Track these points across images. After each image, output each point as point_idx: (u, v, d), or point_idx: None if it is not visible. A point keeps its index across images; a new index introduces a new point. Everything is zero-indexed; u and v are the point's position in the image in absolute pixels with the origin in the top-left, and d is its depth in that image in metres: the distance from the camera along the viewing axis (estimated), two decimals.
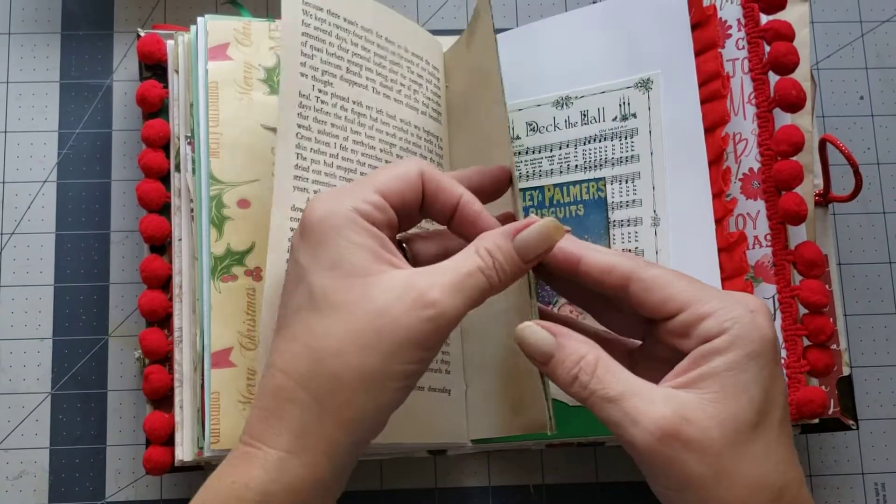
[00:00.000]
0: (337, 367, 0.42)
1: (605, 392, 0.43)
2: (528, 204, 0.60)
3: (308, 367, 0.43)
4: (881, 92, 0.68)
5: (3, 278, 0.63)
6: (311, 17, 0.54)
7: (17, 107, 0.65)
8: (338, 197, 0.45)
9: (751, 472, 0.42)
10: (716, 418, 0.41)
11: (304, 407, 0.42)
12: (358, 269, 0.43)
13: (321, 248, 0.44)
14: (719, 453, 0.41)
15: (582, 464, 0.62)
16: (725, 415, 0.42)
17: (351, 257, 0.43)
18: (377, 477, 0.61)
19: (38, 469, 0.61)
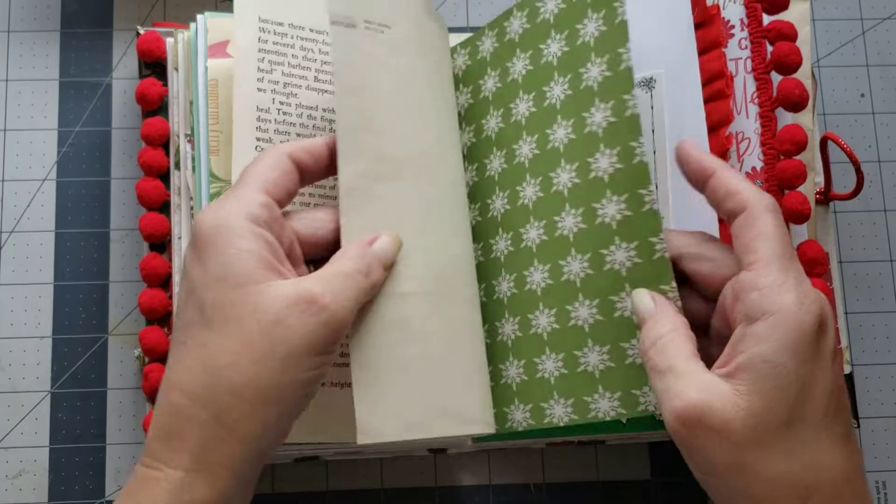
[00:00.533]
0: (234, 382, 0.42)
1: (656, 365, 0.44)
2: None
3: (204, 384, 0.42)
4: (882, 89, 0.68)
5: (3, 277, 0.63)
6: (269, 32, 0.54)
7: (16, 105, 0.65)
8: (225, 204, 0.45)
9: (776, 468, 0.41)
10: (742, 412, 0.41)
11: (204, 424, 0.42)
12: (246, 278, 0.43)
13: (210, 258, 0.44)
14: (740, 445, 0.41)
15: (582, 463, 0.62)
16: (753, 410, 0.41)
17: (239, 266, 0.43)
18: (377, 476, 0.61)
19: (38, 468, 0.61)
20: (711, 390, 0.42)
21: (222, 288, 0.43)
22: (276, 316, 0.43)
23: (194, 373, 0.43)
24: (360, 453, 0.60)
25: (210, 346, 0.43)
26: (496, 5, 0.68)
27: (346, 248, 0.48)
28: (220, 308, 0.43)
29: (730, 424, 0.41)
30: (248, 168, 0.47)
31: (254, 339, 0.42)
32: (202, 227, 0.44)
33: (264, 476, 0.61)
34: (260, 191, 0.46)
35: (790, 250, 0.43)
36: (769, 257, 0.43)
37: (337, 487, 0.61)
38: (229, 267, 0.43)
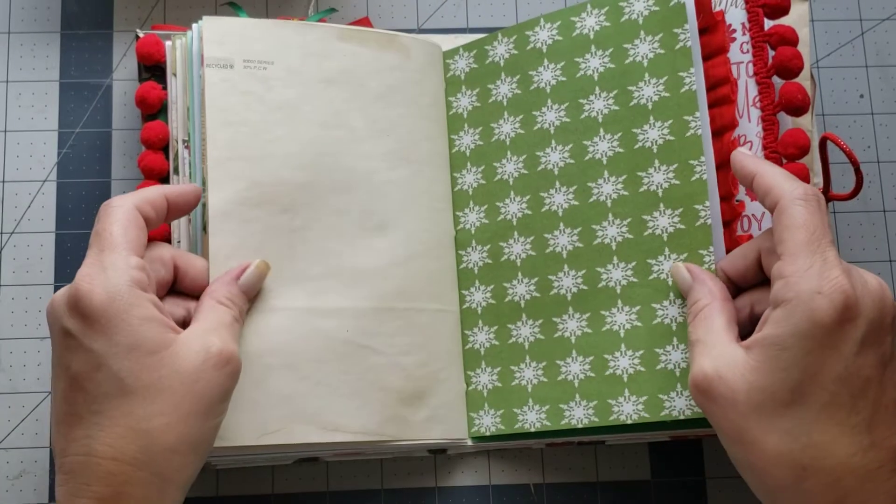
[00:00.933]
0: (170, 440, 0.46)
1: (690, 336, 0.50)
2: None
3: (140, 448, 0.46)
4: (881, 90, 0.68)
5: (3, 278, 0.63)
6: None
7: (16, 106, 0.65)
8: (105, 272, 0.47)
9: (775, 445, 0.45)
10: (748, 385, 0.45)
11: (146, 484, 0.46)
12: (157, 344, 0.47)
13: (114, 331, 0.46)
14: (743, 416, 0.45)
15: (582, 463, 0.62)
16: (757, 385, 0.45)
17: (146, 334, 0.47)
18: (377, 476, 0.62)
19: (39, 468, 0.61)
20: (727, 361, 0.47)
21: (136, 357, 0.46)
22: (195, 374, 0.47)
23: (127, 440, 0.46)
24: (361, 454, 0.60)
25: (138, 413, 0.46)
26: (496, 6, 0.68)
27: (217, 289, 0.52)
28: (140, 376, 0.46)
29: (735, 394, 0.46)
30: (105, 226, 0.49)
31: (179, 399, 0.47)
32: (95, 301, 0.46)
33: (265, 477, 0.61)
34: (130, 252, 0.48)
35: (820, 238, 0.46)
36: (794, 248, 0.46)
37: (337, 488, 0.61)
38: (138, 337, 0.46)
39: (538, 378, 0.57)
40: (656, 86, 0.56)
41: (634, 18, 0.57)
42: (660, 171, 0.56)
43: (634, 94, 0.57)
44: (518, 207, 0.58)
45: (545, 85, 0.59)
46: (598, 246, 0.57)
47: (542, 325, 0.58)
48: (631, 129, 0.57)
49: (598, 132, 0.57)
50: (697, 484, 0.62)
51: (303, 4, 0.67)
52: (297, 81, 0.59)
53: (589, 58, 0.58)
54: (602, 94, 0.58)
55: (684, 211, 0.55)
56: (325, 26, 0.61)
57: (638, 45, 0.57)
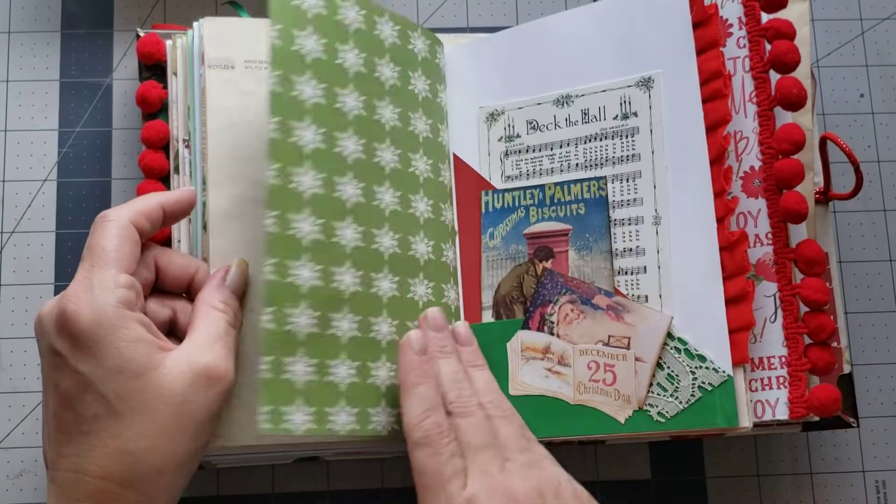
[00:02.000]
0: (156, 461, 0.47)
1: None
2: (528, 203, 0.60)
3: (127, 469, 0.47)
4: (881, 90, 0.68)
5: (4, 277, 0.63)
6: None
7: (17, 105, 0.65)
8: (93, 292, 0.48)
9: None
10: None
11: (131, 501, 0.47)
12: (143, 367, 0.47)
13: (101, 353, 0.47)
14: None
15: (582, 463, 0.62)
16: None
17: (133, 356, 0.47)
18: (377, 476, 0.62)
19: (39, 468, 0.61)
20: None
21: (122, 380, 0.47)
22: (181, 396, 0.48)
23: (114, 460, 0.47)
24: (361, 454, 0.60)
25: (125, 435, 0.47)
26: (496, 6, 0.68)
27: (210, 295, 0.53)
28: (127, 398, 0.47)
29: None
30: (98, 241, 0.50)
31: (166, 421, 0.47)
32: (82, 323, 0.47)
33: (265, 476, 0.61)
34: (119, 269, 0.49)
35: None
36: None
37: (337, 487, 0.61)
38: (125, 359, 0.47)
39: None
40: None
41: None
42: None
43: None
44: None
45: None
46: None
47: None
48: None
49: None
50: (697, 484, 0.62)
51: None
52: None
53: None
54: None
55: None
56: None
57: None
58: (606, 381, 0.57)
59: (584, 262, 0.58)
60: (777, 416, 0.55)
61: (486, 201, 0.61)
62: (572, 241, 0.59)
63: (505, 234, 0.60)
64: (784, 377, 0.56)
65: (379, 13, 0.59)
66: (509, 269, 0.60)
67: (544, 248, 0.60)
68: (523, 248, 0.60)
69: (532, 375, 0.59)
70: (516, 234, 0.60)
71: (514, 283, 0.60)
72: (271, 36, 0.53)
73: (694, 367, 0.55)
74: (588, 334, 0.58)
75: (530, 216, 0.60)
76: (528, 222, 0.60)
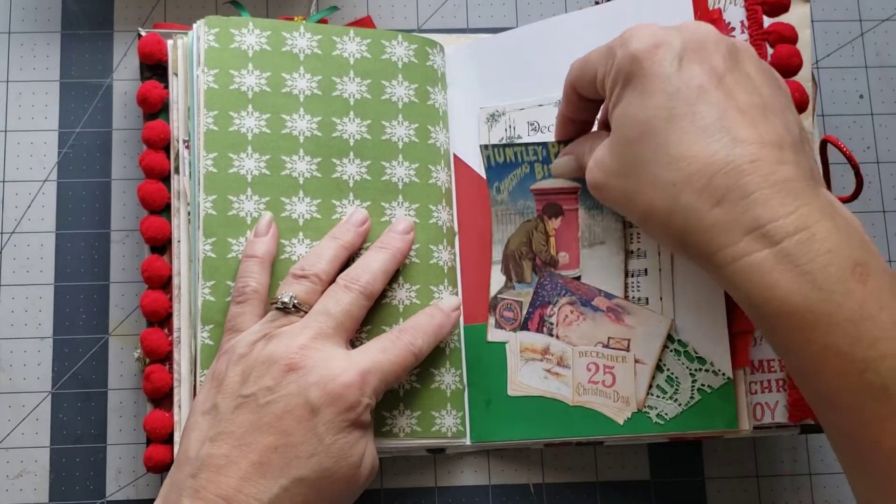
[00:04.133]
0: None
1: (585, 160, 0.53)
2: (532, 159, 0.59)
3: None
4: (881, 91, 0.68)
5: (4, 277, 0.63)
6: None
7: (17, 106, 0.65)
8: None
9: (647, 176, 0.47)
10: (611, 151, 0.49)
11: None
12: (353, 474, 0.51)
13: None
14: (620, 178, 0.48)
15: (581, 463, 0.62)
16: (615, 143, 0.49)
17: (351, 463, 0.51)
18: (377, 476, 0.62)
19: (39, 468, 0.61)
20: (601, 150, 0.50)
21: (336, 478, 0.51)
22: (359, 487, 0.53)
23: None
24: None
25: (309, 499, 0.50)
26: (496, 6, 0.68)
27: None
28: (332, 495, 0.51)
29: (608, 170, 0.49)
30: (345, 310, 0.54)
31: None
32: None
33: None
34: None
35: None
36: (597, 60, 0.52)
37: None
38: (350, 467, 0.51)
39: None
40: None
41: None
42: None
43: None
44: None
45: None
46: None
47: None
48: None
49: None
50: (697, 484, 0.62)
51: (304, 4, 0.67)
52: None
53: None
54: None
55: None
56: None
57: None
58: (606, 383, 0.57)
59: (595, 220, 0.58)
60: (776, 419, 0.55)
61: (487, 155, 0.60)
62: (581, 199, 0.58)
63: (512, 189, 0.60)
64: (783, 380, 0.56)
65: (339, 34, 0.61)
66: (518, 225, 0.60)
67: (553, 205, 0.59)
68: (531, 204, 0.60)
69: (531, 376, 0.59)
70: (523, 189, 0.60)
71: (524, 239, 0.60)
72: (207, 80, 0.58)
73: (694, 369, 0.55)
74: (588, 336, 0.58)
75: (536, 172, 0.59)
76: (535, 178, 0.59)
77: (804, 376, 0.44)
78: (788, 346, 0.43)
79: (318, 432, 0.48)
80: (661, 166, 0.46)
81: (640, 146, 0.47)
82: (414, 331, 0.55)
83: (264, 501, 0.47)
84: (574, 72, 0.53)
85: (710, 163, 0.44)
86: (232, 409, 0.50)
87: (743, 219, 0.43)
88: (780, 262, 0.42)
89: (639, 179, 0.47)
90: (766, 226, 0.42)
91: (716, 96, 0.45)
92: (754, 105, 0.46)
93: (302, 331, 0.52)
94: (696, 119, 0.45)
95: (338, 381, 0.49)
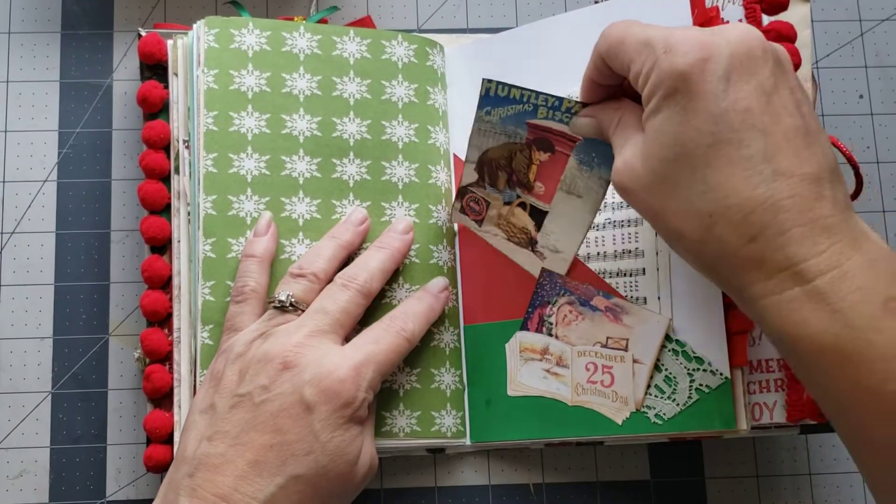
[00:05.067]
0: None
1: (615, 146, 0.50)
2: (539, 103, 0.55)
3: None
4: (881, 91, 0.68)
5: (4, 277, 0.63)
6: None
7: (17, 106, 0.65)
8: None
9: (679, 203, 0.45)
10: (643, 162, 0.47)
11: None
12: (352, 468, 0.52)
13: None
14: (648, 191, 0.47)
15: (581, 463, 0.62)
16: (649, 157, 0.46)
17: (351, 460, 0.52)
18: (377, 476, 0.62)
19: (39, 468, 0.61)
20: (631, 152, 0.48)
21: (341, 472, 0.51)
22: (358, 485, 0.53)
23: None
24: None
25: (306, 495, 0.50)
26: (496, 6, 0.68)
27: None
28: (331, 484, 0.51)
29: (638, 176, 0.47)
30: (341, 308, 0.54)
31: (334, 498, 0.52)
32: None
33: None
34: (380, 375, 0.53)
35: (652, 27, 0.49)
36: (635, 50, 0.48)
37: None
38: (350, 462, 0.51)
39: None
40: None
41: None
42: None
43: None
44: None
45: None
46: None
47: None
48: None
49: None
50: (697, 484, 0.62)
51: (304, 4, 0.67)
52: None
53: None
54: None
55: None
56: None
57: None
58: (604, 383, 0.57)
59: (581, 174, 0.56)
60: (775, 420, 0.55)
61: (488, 87, 0.55)
62: (577, 150, 0.55)
63: (504, 116, 0.56)
64: (782, 380, 0.56)
65: (339, 34, 0.61)
66: (501, 143, 0.57)
67: (545, 141, 0.56)
68: (521, 132, 0.56)
69: (530, 376, 0.59)
70: (517, 119, 0.56)
71: (505, 154, 0.57)
72: (207, 80, 0.58)
73: (692, 369, 0.55)
74: (586, 336, 0.58)
75: (538, 113, 0.55)
76: (535, 116, 0.55)
77: (837, 413, 0.43)
78: (820, 384, 0.43)
79: (314, 430, 0.49)
80: (697, 194, 0.44)
81: (675, 167, 0.45)
82: (404, 316, 0.55)
83: (261, 500, 0.47)
84: (605, 46, 0.50)
85: (751, 198, 0.43)
86: (228, 408, 0.50)
87: (777, 256, 0.43)
88: (812, 300, 0.42)
89: (670, 201, 0.46)
90: (800, 264, 0.42)
91: (762, 121, 0.44)
92: (797, 130, 0.44)
93: (298, 329, 0.52)
94: (741, 148, 0.44)
95: (332, 378, 0.49)
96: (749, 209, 0.43)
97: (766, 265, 0.43)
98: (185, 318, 0.58)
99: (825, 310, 0.42)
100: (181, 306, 0.58)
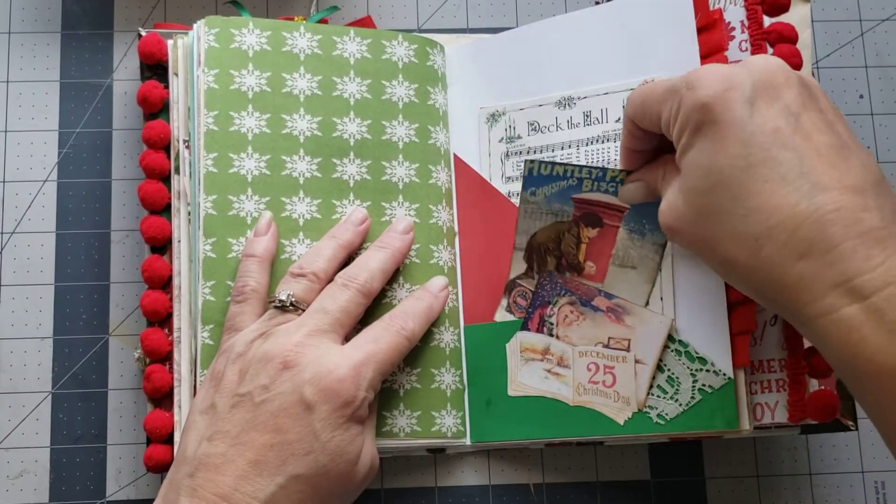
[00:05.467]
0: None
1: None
2: (583, 176, 0.57)
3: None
4: (881, 91, 0.68)
5: (4, 278, 0.63)
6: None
7: (17, 106, 0.65)
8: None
9: (725, 231, 0.45)
10: (683, 199, 0.48)
11: None
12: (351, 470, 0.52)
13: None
14: (693, 225, 0.47)
15: (582, 463, 0.62)
16: (686, 191, 0.47)
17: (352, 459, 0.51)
18: (377, 475, 0.62)
19: (39, 468, 0.61)
20: (673, 192, 0.49)
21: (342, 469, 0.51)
22: (358, 485, 0.53)
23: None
24: None
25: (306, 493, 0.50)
26: (496, 6, 0.68)
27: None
28: (332, 483, 0.51)
29: (681, 214, 0.48)
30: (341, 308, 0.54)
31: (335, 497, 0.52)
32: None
33: None
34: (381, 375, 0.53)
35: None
36: (661, 101, 0.50)
37: None
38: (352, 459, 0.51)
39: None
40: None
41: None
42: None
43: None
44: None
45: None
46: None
47: None
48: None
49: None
50: (697, 484, 0.62)
51: (304, 4, 0.67)
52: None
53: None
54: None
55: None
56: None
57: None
58: (606, 383, 0.57)
59: (633, 244, 0.57)
60: (776, 420, 0.55)
61: (531, 168, 0.58)
62: (626, 220, 0.57)
63: (549, 194, 0.58)
64: (783, 380, 0.56)
65: (339, 34, 0.61)
66: (549, 223, 0.59)
67: (593, 216, 0.58)
68: (568, 210, 0.58)
69: (531, 376, 0.59)
70: (562, 196, 0.58)
71: (552, 236, 0.59)
72: (207, 80, 0.58)
73: (694, 369, 0.55)
74: (588, 336, 0.58)
75: (583, 186, 0.57)
76: (580, 191, 0.58)
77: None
78: (880, 406, 0.41)
79: (314, 429, 0.48)
80: (739, 218, 0.44)
81: (714, 196, 0.45)
82: (404, 314, 0.55)
83: (261, 499, 0.47)
84: (633, 107, 0.51)
85: (793, 214, 0.43)
86: (229, 407, 0.50)
87: (829, 273, 0.41)
88: (870, 317, 0.40)
89: (715, 230, 0.46)
90: (854, 280, 0.41)
91: (792, 140, 0.44)
92: (832, 146, 0.44)
93: (298, 328, 0.52)
94: (775, 166, 0.43)
95: (332, 377, 0.49)
96: (794, 226, 0.43)
97: (818, 283, 0.42)
98: (185, 318, 0.58)
99: (883, 328, 0.40)
100: (181, 306, 0.58)
